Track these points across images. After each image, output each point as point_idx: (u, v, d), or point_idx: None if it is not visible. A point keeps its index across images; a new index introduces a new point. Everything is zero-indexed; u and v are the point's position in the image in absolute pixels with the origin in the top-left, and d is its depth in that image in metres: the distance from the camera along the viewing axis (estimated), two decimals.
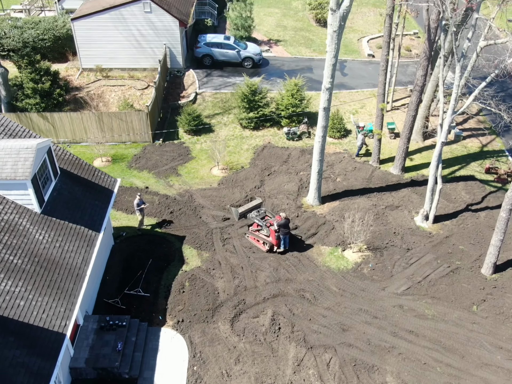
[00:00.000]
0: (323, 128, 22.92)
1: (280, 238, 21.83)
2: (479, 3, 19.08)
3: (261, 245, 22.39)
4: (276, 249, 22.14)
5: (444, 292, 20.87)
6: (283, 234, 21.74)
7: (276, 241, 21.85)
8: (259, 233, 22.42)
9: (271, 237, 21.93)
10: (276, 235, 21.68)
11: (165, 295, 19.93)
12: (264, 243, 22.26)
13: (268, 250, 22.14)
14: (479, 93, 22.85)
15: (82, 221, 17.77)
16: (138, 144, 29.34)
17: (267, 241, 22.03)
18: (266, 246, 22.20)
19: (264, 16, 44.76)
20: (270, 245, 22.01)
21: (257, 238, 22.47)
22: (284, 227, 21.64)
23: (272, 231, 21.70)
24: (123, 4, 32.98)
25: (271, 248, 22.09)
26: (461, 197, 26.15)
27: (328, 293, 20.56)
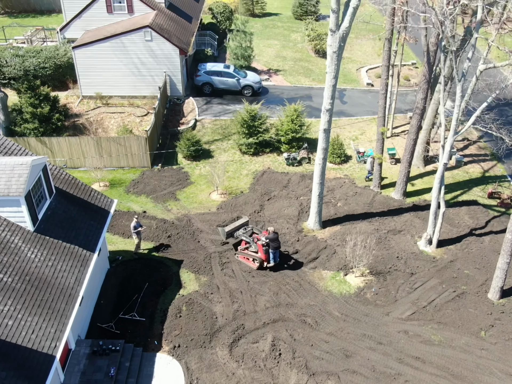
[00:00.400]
0: (324, 150, 22.66)
1: (269, 253, 21.64)
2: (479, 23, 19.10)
3: (251, 263, 22.10)
4: (266, 264, 21.86)
5: (451, 317, 20.16)
6: (273, 249, 21.53)
7: (265, 256, 21.60)
8: (248, 250, 22.18)
9: (260, 253, 21.70)
10: (265, 249, 21.41)
11: (161, 320, 19.21)
12: (253, 260, 22.00)
13: (259, 267, 21.80)
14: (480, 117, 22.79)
15: (76, 240, 17.25)
16: (137, 169, 29.05)
17: (256, 257, 21.77)
18: (256, 262, 21.94)
19: (263, 47, 45.29)
20: (260, 261, 21.71)
21: (246, 256, 22.22)
22: (273, 241, 21.47)
23: (260, 246, 21.46)
24: (124, 33, 33.31)
25: (261, 264, 21.79)
26: (464, 221, 25.68)
27: (330, 318, 19.84)
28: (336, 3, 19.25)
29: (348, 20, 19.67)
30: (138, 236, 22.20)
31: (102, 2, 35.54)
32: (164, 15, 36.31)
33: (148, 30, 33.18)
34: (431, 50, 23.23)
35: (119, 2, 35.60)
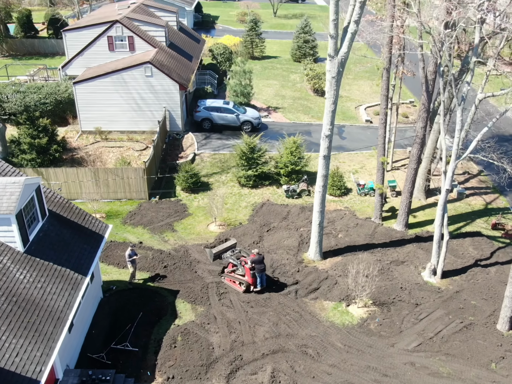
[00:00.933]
0: (323, 178, 22.32)
1: (256, 276, 21.22)
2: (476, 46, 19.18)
3: (238, 286, 21.69)
4: (252, 288, 21.45)
5: (459, 349, 19.22)
6: (258, 272, 21.16)
7: (252, 280, 21.21)
8: (234, 274, 21.84)
9: (247, 276, 21.30)
10: (252, 273, 21.03)
11: (155, 350, 18.28)
12: (240, 283, 21.59)
13: (245, 291, 21.39)
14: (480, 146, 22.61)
15: (68, 263, 16.61)
16: (134, 201, 28.62)
17: (243, 280, 21.38)
18: (242, 286, 21.48)
19: (263, 86, 45.85)
20: (246, 284, 21.33)
21: (233, 279, 21.90)
22: (258, 263, 21.15)
23: (247, 269, 21.09)
24: (125, 68, 33.69)
25: (247, 288, 21.40)
26: (468, 252, 25.03)
27: (333, 350, 18.90)
28: (334, 28, 19.40)
29: (346, 46, 19.78)
30: (133, 265, 21.52)
31: (104, 41, 36.17)
32: (165, 53, 36.88)
33: (149, 66, 33.57)
34: (429, 79, 23.29)
35: (121, 40, 36.22)
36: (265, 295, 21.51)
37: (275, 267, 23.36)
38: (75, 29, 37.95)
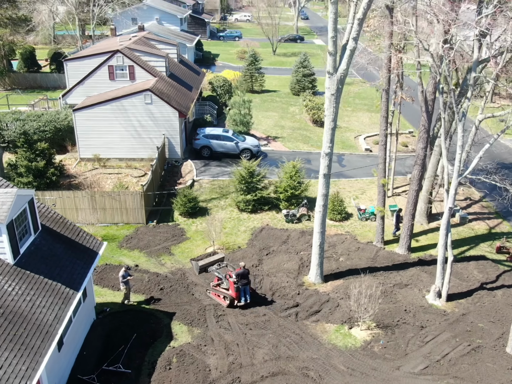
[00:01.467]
0: (324, 197, 21.94)
1: (240, 290, 20.97)
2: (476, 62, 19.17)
3: (222, 300, 21.50)
4: (236, 303, 21.21)
5: (468, 372, 18.34)
6: (242, 285, 20.97)
7: (235, 294, 21.00)
8: (219, 287, 21.66)
9: (231, 290, 21.00)
10: (235, 287, 20.83)
11: (149, 372, 17.42)
12: (224, 297, 21.37)
13: (229, 305, 21.13)
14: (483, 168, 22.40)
15: (59, 278, 16.01)
16: (131, 226, 28.12)
17: (227, 294, 21.15)
18: (226, 300, 21.25)
19: (262, 118, 46.07)
20: (230, 298, 21.08)
21: (217, 293, 21.71)
22: (243, 277, 20.95)
23: (231, 283, 20.92)
24: (125, 96, 33.84)
25: (231, 302, 21.15)
26: (473, 276, 24.36)
27: (335, 372, 18.02)
28: (332, 46, 19.46)
29: (345, 63, 19.80)
30: (126, 286, 20.86)
31: (105, 70, 36.49)
32: (165, 82, 37.17)
33: (149, 93, 33.75)
34: (428, 100, 23.26)
35: (121, 69, 36.57)
36: (264, 318, 20.76)
37: (275, 289, 22.66)
38: (77, 59, 38.43)
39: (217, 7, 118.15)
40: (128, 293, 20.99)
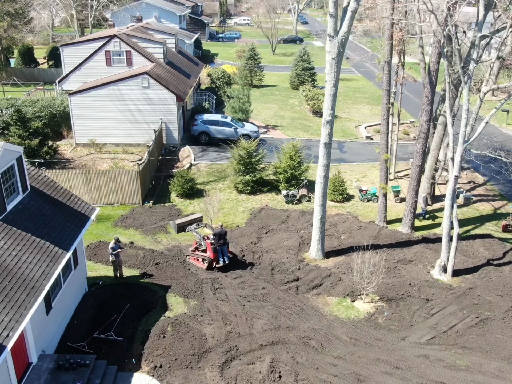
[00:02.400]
0: (325, 167, 21.23)
1: (217, 251, 20.89)
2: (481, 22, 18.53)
3: (201, 264, 21.46)
4: (215, 264, 21.17)
5: (476, 343, 17.52)
6: (219, 246, 20.85)
7: (213, 255, 20.97)
8: (197, 251, 21.60)
9: (208, 251, 21.02)
10: (213, 248, 20.78)
11: (142, 340, 16.59)
12: (203, 260, 21.35)
13: (208, 267, 21.10)
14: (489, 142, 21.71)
15: (48, 237, 15.25)
16: (127, 206, 27.36)
17: (205, 257, 21.13)
18: (205, 263, 21.23)
19: (261, 109, 45.48)
20: (209, 260, 21.05)
21: (196, 257, 21.66)
22: (220, 237, 20.77)
23: (209, 244, 20.92)
24: (122, 80, 33.26)
25: (210, 265, 21.10)
26: (479, 253, 23.58)
27: (338, 342, 17.19)
28: (333, 7, 18.88)
29: (346, 25, 19.19)
30: (117, 259, 20.05)
31: (102, 55, 35.95)
32: (163, 68, 36.63)
33: (146, 77, 33.17)
34: (432, 70, 22.63)
35: (119, 55, 36.02)
36: (263, 291, 19.96)
37: (274, 265, 21.86)
38: (73, 44, 37.94)
39: (216, 10, 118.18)
40: (120, 267, 20.19)
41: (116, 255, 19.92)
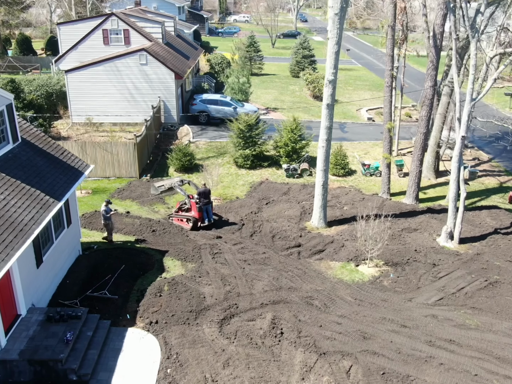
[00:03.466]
0: (327, 130, 20.56)
1: (202, 210, 20.78)
2: None
3: (185, 224, 21.17)
4: (200, 224, 20.96)
5: (486, 304, 16.83)
6: (204, 205, 20.79)
7: (198, 214, 20.76)
8: (181, 212, 21.42)
9: (193, 210, 20.79)
10: (198, 207, 20.61)
11: (137, 299, 15.88)
12: (187, 220, 21.06)
13: (193, 227, 20.81)
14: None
15: (39, 186, 14.56)
16: (123, 180, 26.65)
17: (189, 217, 20.89)
18: (189, 223, 20.96)
19: (261, 94, 44.86)
20: (194, 220, 20.78)
21: (180, 218, 21.39)
22: (204, 196, 20.62)
23: (193, 203, 20.73)
24: (119, 56, 32.65)
25: (195, 224, 20.83)
26: (486, 222, 22.90)
27: (342, 302, 16.49)
28: None
29: None
30: (109, 222, 19.35)
31: (99, 34, 35.32)
32: (161, 47, 36.03)
33: (144, 54, 32.55)
34: (437, 33, 22.00)
35: (116, 34, 35.40)
36: (263, 255, 19.26)
37: (275, 233, 21.19)
38: (70, 22, 37.35)
39: (215, 7, 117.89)
40: (111, 233, 19.48)
41: (108, 218, 19.22)
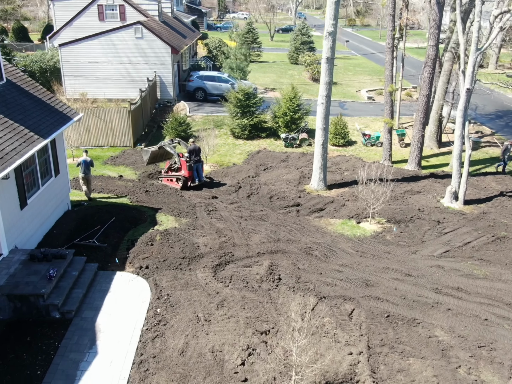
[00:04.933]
0: (327, 85, 19.83)
1: (192, 168, 20.19)
2: None
3: (175, 184, 20.60)
4: (190, 183, 20.41)
5: (494, 256, 16.08)
6: (194, 163, 20.20)
7: (188, 173, 20.21)
8: (171, 172, 20.87)
9: (183, 169, 20.20)
10: (188, 166, 20.02)
11: (127, 247, 15.07)
12: (177, 180, 20.48)
13: (182, 187, 20.26)
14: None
15: (23, 122, 13.79)
16: (117, 148, 25.91)
17: (179, 176, 20.34)
18: (179, 182, 20.40)
19: (260, 77, 44.17)
20: (183, 179, 20.25)
21: (169, 178, 20.85)
22: (194, 153, 20.00)
23: (183, 161, 20.16)
24: (114, 30, 31.97)
25: (184, 183, 20.30)
26: (491, 186, 22.18)
27: (343, 253, 15.71)
28: None
29: None
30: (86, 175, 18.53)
31: (94, 9, 34.68)
32: (157, 23, 35.38)
33: (139, 27, 31.90)
34: None
35: (112, 9, 34.78)
36: (261, 213, 18.46)
37: (273, 194, 20.39)
38: None
39: (214, 4, 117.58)
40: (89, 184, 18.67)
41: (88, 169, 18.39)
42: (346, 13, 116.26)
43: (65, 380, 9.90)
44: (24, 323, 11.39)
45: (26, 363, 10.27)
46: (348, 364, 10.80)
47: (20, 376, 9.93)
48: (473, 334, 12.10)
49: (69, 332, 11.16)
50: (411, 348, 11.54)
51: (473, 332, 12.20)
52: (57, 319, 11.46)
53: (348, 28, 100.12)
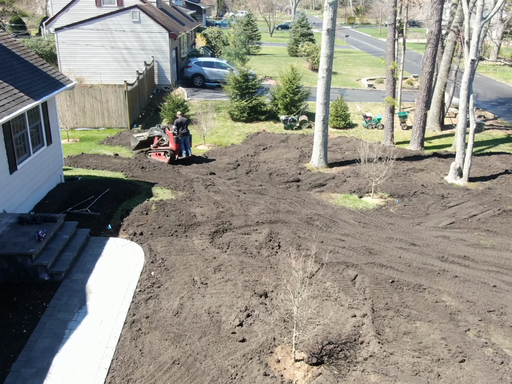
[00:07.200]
0: (328, 58, 19.33)
1: (180, 141, 19.89)
2: None
3: (163, 158, 20.40)
4: (177, 157, 20.15)
5: (501, 228, 15.54)
6: (181, 136, 19.90)
7: (175, 146, 19.91)
8: (159, 147, 20.73)
9: (170, 143, 19.98)
10: (175, 138, 19.77)
11: (121, 216, 14.53)
12: (165, 153, 20.27)
13: (170, 161, 20.01)
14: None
15: (13, 83, 13.26)
16: (113, 130, 25.40)
17: (167, 149, 20.09)
18: (167, 156, 20.15)
19: (259, 66, 43.61)
20: (171, 153, 19.97)
21: (157, 152, 20.68)
22: (181, 125, 19.70)
23: (170, 134, 19.91)
24: (111, 14, 31.50)
25: (172, 157, 20.02)
26: (496, 165, 21.67)
27: (345, 224, 15.17)
28: None
29: None
30: None
31: None
32: (155, 9, 34.91)
33: (136, 10, 31.42)
34: None
35: None
36: (260, 187, 17.94)
37: (273, 171, 19.88)
38: None
39: (213, 3, 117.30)
40: None
41: None
42: (345, 12, 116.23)
43: (52, 338, 9.34)
44: (12, 285, 10.84)
45: (12, 322, 9.72)
46: (352, 326, 10.27)
47: (4, 334, 9.38)
48: (482, 300, 11.56)
49: (58, 293, 10.61)
50: (418, 312, 11.00)
51: (482, 297, 11.66)
52: (46, 281, 10.91)
53: (348, 26, 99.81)
